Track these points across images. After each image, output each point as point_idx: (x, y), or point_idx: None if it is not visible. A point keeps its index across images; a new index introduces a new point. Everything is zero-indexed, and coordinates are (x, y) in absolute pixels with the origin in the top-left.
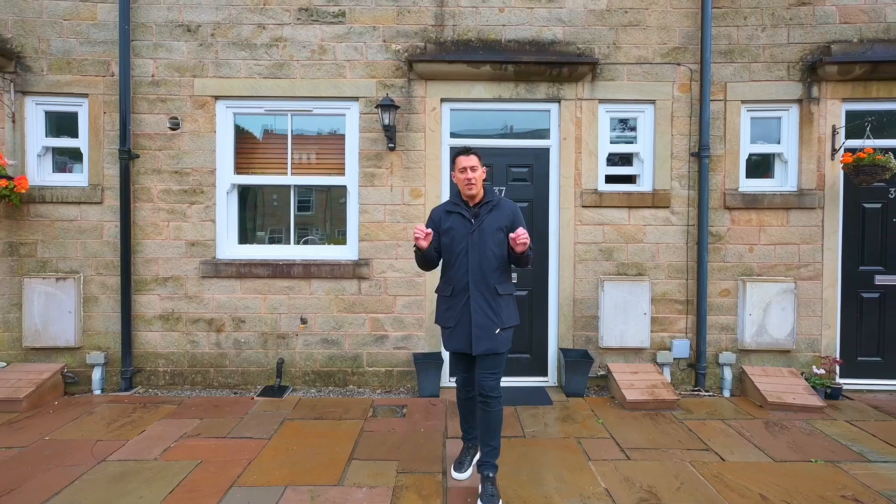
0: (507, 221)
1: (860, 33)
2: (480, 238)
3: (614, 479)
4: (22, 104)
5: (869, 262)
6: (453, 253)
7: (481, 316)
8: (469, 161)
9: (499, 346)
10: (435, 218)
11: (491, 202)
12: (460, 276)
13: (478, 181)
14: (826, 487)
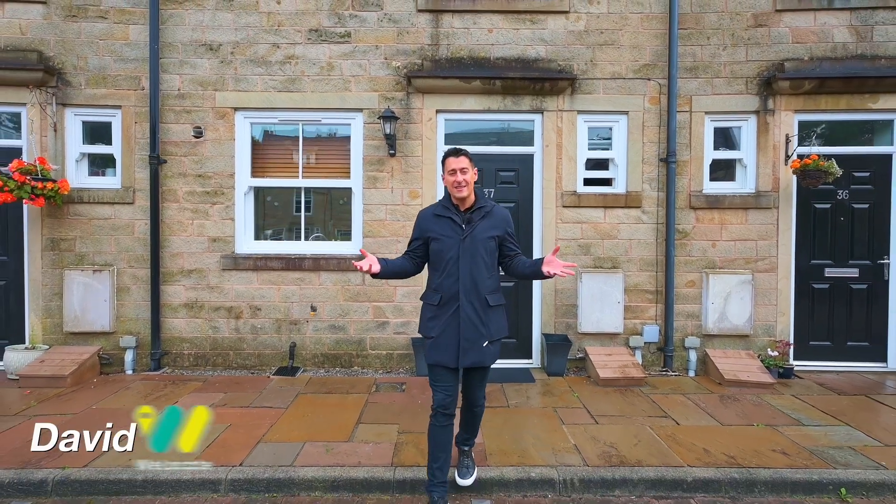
0: (500, 231)
1: (810, 52)
2: (472, 245)
3: (583, 438)
4: (62, 115)
5: (820, 257)
6: (442, 260)
7: (470, 328)
8: (459, 163)
9: (486, 358)
10: (422, 222)
11: (483, 208)
12: (449, 284)
13: (468, 184)
14: (761, 444)
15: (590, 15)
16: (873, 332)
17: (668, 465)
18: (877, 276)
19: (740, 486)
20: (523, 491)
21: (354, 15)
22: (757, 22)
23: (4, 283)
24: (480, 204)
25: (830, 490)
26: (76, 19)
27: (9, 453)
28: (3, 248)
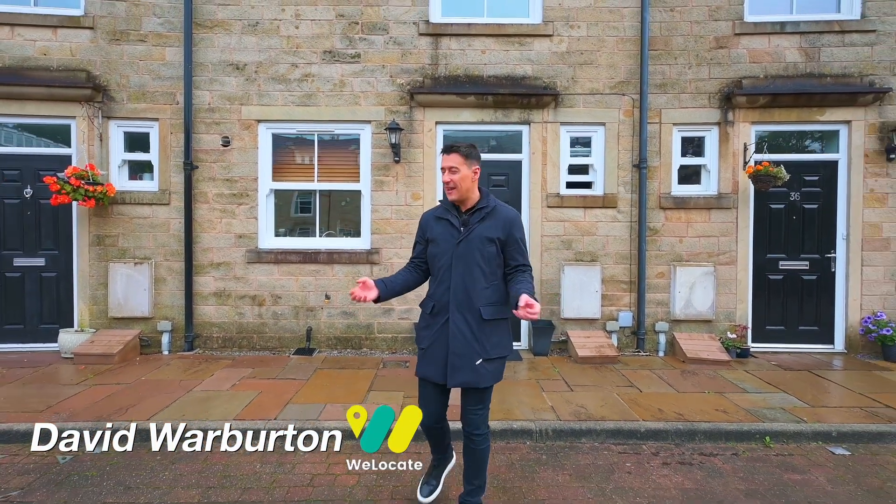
0: (501, 233)
1: (765, 70)
2: (467, 250)
3: (558, 401)
4: (107, 127)
5: (774, 251)
6: (436, 266)
7: (460, 342)
8: (448, 160)
9: (480, 379)
10: (423, 224)
11: (484, 208)
12: (441, 293)
13: (459, 184)
14: (707, 406)
15: (571, 38)
16: (822, 318)
17: (627, 419)
18: (825, 268)
19: (683, 435)
20: (507, 439)
21: (363, 38)
22: (718, 44)
23: (56, 274)
24: (482, 204)
25: (757, 438)
26: (119, 42)
27: (83, 410)
28: (54, 243)
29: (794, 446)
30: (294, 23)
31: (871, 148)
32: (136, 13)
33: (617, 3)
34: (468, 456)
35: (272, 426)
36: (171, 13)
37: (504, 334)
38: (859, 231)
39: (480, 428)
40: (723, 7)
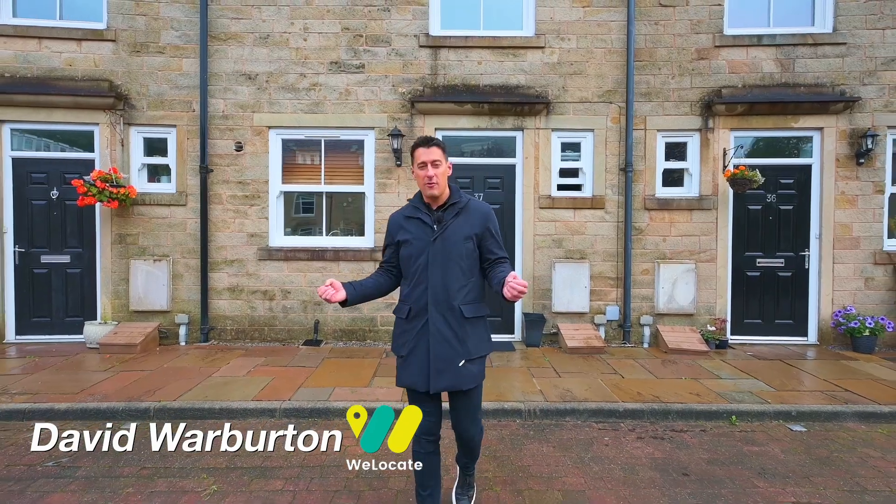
0: (478, 229)
1: (743, 80)
2: (444, 249)
3: (546, 386)
4: (128, 133)
5: (752, 249)
6: (410, 268)
7: (442, 345)
8: (429, 154)
9: (462, 381)
10: (392, 226)
11: (457, 204)
12: (418, 295)
13: (440, 179)
14: (682, 390)
15: (562, 49)
16: (796, 312)
17: (607, 401)
18: (799, 265)
19: (658, 414)
20: (498, 418)
21: (367, 50)
22: (699, 55)
23: (80, 270)
24: (454, 200)
25: (724, 417)
26: (139, 54)
27: (114, 392)
28: (79, 242)
29: (757, 424)
30: (302, 35)
31: (841, 153)
32: (155, 27)
33: (605, 16)
34: (463, 451)
35: (286, 406)
36: (188, 26)
37: (484, 332)
38: (831, 231)
39: (472, 432)
40: (704, 21)
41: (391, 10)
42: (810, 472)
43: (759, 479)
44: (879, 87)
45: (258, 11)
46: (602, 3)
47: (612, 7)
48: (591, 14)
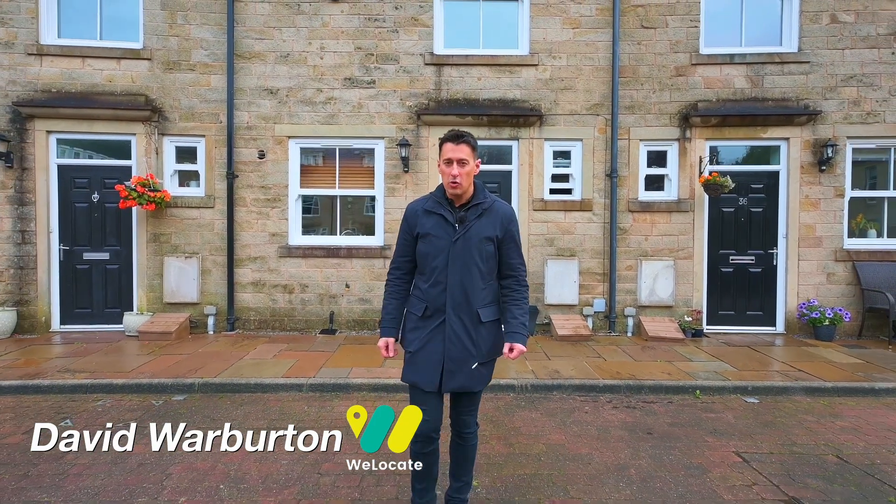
0: (500, 231)
1: (717, 95)
2: (465, 249)
3: (537, 367)
4: (161, 142)
5: (726, 247)
6: (429, 265)
7: (458, 347)
8: (457, 151)
9: (475, 383)
10: (410, 218)
11: (481, 205)
12: (436, 294)
13: (465, 179)
14: (656, 370)
15: (553, 66)
16: (765, 304)
17: (589, 378)
18: (768, 262)
19: (632, 389)
20: (495, 392)
21: (378, 67)
22: (678, 72)
23: (118, 266)
24: (478, 200)
25: (689, 392)
26: (172, 71)
27: (161, 371)
28: (117, 241)
29: (717, 397)
30: (319, 54)
31: (806, 161)
32: (186, 46)
33: (592, 37)
34: (458, 452)
35: (311, 382)
36: (216, 46)
37: (498, 335)
38: (797, 231)
39: (471, 426)
40: (682, 41)
41: (399, 32)
42: (753, 432)
43: (710, 436)
44: (839, 102)
45: (279, 32)
46: (590, 25)
47: (599, 28)
48: (580, 35)
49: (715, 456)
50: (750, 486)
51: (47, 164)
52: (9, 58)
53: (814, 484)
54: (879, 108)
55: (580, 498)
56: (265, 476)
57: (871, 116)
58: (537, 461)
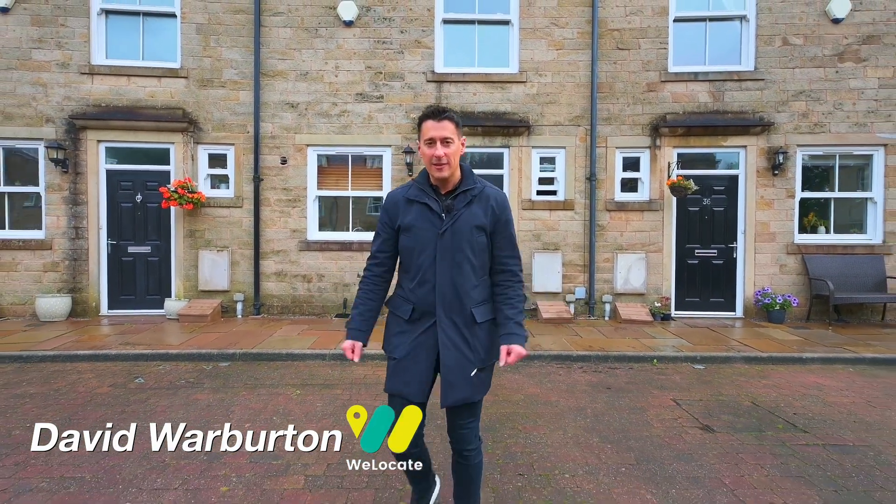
0: (491, 219)
1: (684, 108)
2: (453, 243)
3: None
4: (196, 150)
5: (691, 242)
6: (414, 262)
7: (453, 353)
8: (440, 129)
9: (476, 392)
10: (390, 208)
11: (471, 191)
12: (423, 294)
13: (452, 159)
14: (623, 345)
15: (540, 83)
16: (726, 292)
17: (565, 350)
18: (728, 255)
19: (600, 359)
20: None
21: (385, 84)
22: (649, 88)
23: (158, 258)
24: (467, 185)
25: (648, 360)
26: (206, 87)
27: (205, 344)
28: (157, 236)
29: (671, 365)
30: (334, 73)
31: (761, 166)
32: (217, 66)
33: (573, 57)
34: (461, 474)
35: (333, 352)
36: (244, 66)
37: (495, 335)
38: (753, 227)
39: (473, 442)
40: (653, 61)
41: (404, 53)
42: (691, 387)
43: (656, 390)
44: (790, 114)
45: (299, 54)
46: (571, 47)
47: (580, 49)
48: (563, 55)
49: (655, 402)
50: (675, 419)
51: (97, 169)
52: (65, 77)
53: (725, 418)
54: (825, 120)
55: (546, 426)
56: (306, 412)
57: (818, 127)
58: (516, 405)
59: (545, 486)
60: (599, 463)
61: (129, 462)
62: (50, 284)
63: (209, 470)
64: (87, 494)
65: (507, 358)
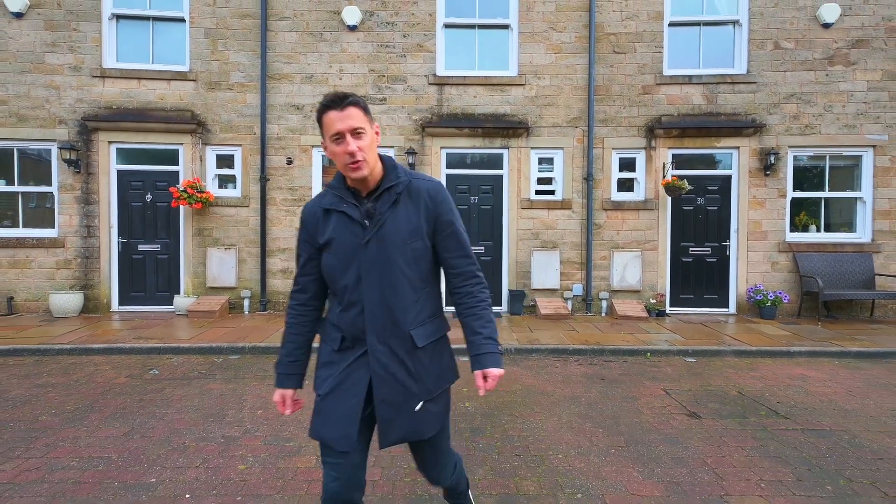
0: (428, 220)
1: (678, 110)
2: (381, 254)
3: (521, 336)
4: (204, 151)
5: (686, 240)
6: (338, 283)
7: (390, 386)
8: (346, 119)
9: (423, 428)
10: (308, 222)
11: (394, 188)
12: (351, 320)
13: (367, 154)
14: (618, 339)
15: (538, 86)
16: (720, 289)
17: (562, 344)
18: (722, 253)
19: (596, 352)
20: None
21: (389, 87)
22: (644, 91)
23: (167, 256)
24: (389, 182)
25: (641, 354)
26: (214, 90)
27: (216, 339)
28: (166, 234)
29: (663, 358)
30: (339, 76)
31: (753, 166)
32: (225, 69)
33: (571, 61)
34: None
35: None
36: (251, 69)
37: (447, 356)
38: (746, 226)
39: (449, 479)
40: (648, 64)
41: (407, 56)
42: (681, 378)
43: (648, 381)
44: (781, 116)
45: (304, 57)
46: (569, 50)
47: (577, 53)
48: (561, 59)
49: (646, 391)
50: (664, 407)
51: (109, 169)
52: (77, 80)
53: (712, 405)
54: (816, 122)
55: (542, 413)
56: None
57: (809, 129)
58: (514, 394)
59: (539, 464)
60: (591, 445)
61: (152, 444)
62: (63, 281)
63: (227, 451)
64: (115, 472)
65: (483, 384)
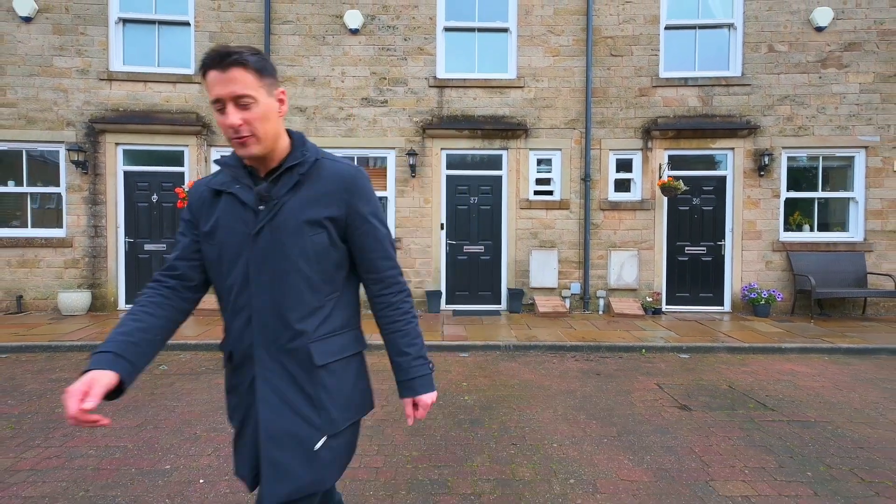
0: (336, 209)
1: (674, 112)
2: (275, 246)
3: (520, 334)
4: (209, 152)
5: (682, 240)
6: (223, 282)
7: (280, 415)
8: (228, 83)
9: (325, 475)
10: (194, 202)
11: (298, 166)
12: (239, 329)
13: (258, 128)
14: (614, 336)
15: (537, 88)
16: (715, 287)
17: (559, 341)
18: (717, 252)
19: (592, 348)
20: (486, 351)
21: (390, 89)
22: (641, 93)
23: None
24: (294, 159)
25: (637, 350)
26: None
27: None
28: (171, 234)
29: (658, 354)
30: (341, 78)
31: (748, 167)
32: None
33: (569, 63)
34: None
35: None
36: None
37: (359, 378)
38: (741, 226)
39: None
40: (644, 67)
41: (407, 59)
42: (674, 373)
43: (642, 376)
44: (775, 118)
45: (307, 60)
46: (567, 53)
47: (575, 56)
48: (559, 62)
49: (640, 386)
50: (657, 400)
51: (115, 170)
52: (85, 82)
53: (702, 399)
54: (809, 123)
55: (538, 406)
56: None
57: (802, 130)
58: (511, 388)
59: (535, 453)
60: (584, 435)
61: (165, 434)
62: (71, 280)
63: None
64: (131, 459)
65: (414, 413)
